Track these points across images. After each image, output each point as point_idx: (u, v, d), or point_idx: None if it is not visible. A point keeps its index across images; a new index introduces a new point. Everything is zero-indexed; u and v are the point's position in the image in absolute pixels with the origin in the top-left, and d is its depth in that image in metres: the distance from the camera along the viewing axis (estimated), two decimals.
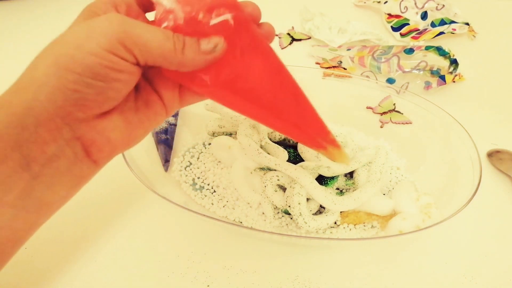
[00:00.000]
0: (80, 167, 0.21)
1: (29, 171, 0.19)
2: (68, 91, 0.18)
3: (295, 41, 0.61)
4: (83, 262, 0.32)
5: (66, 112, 0.19)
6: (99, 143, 0.21)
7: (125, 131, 0.22)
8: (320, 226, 0.32)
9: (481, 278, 0.32)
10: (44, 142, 0.19)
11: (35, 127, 0.19)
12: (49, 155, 0.19)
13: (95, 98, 0.19)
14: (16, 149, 0.18)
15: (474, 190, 0.31)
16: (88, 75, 0.18)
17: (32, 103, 0.18)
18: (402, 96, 0.42)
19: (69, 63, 0.18)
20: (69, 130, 0.20)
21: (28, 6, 0.67)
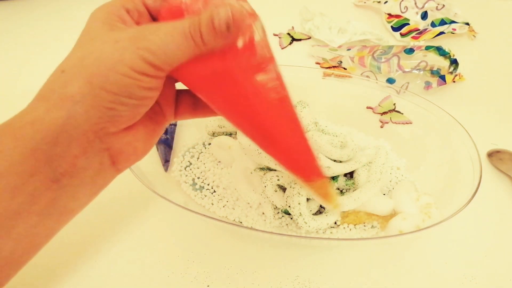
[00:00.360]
0: (104, 176, 0.22)
1: (57, 183, 0.20)
2: (103, 109, 0.19)
3: (295, 41, 0.61)
4: (82, 262, 0.32)
5: (99, 127, 0.20)
6: (127, 154, 0.22)
7: (146, 140, 0.23)
8: (320, 226, 0.32)
9: (481, 278, 0.32)
10: (75, 156, 0.20)
11: (68, 143, 0.19)
12: (78, 167, 0.20)
13: (127, 114, 0.20)
14: (48, 164, 0.19)
15: (474, 190, 0.31)
16: (124, 94, 0.19)
17: (67, 121, 0.19)
18: (402, 96, 0.42)
19: (105, 83, 0.19)
20: (99, 143, 0.20)
21: (28, 6, 0.67)
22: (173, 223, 0.35)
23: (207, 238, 0.34)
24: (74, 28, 0.68)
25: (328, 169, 0.34)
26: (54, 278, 0.31)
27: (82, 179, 0.21)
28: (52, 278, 0.31)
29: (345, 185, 0.36)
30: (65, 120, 0.19)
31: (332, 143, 0.35)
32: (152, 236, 0.34)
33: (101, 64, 0.19)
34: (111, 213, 0.35)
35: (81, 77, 0.19)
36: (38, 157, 0.19)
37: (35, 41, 0.59)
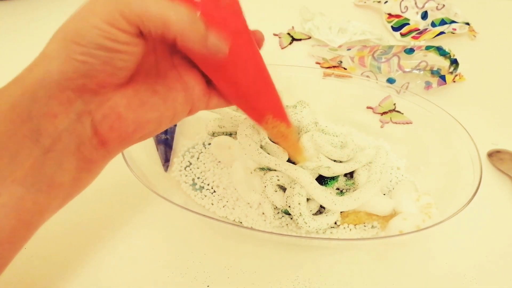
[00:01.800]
0: (89, 148, 0.21)
1: (39, 144, 0.19)
2: (76, 63, 0.19)
3: (295, 41, 0.61)
4: (81, 262, 0.32)
5: (77, 84, 0.19)
6: (110, 119, 0.21)
7: (138, 111, 0.22)
8: (320, 226, 0.32)
9: (482, 278, 0.32)
10: (55, 115, 0.19)
11: (47, 99, 0.19)
12: (59, 129, 0.20)
13: (103, 68, 0.20)
14: (27, 121, 0.19)
15: (474, 190, 0.31)
16: (92, 46, 0.19)
17: (44, 75, 0.19)
18: (402, 96, 0.42)
19: (75, 36, 0.19)
20: (81, 103, 0.20)
21: (28, 6, 0.67)
22: (173, 223, 0.35)
23: (207, 238, 0.34)
24: None
25: (328, 169, 0.34)
26: (54, 278, 0.31)
27: (66, 145, 0.20)
28: (52, 278, 0.31)
29: (345, 185, 0.36)
30: (42, 75, 0.19)
31: (332, 143, 0.35)
32: (152, 236, 0.34)
33: (75, 18, 0.19)
34: (111, 213, 0.35)
35: (58, 35, 0.19)
36: (18, 113, 0.19)
37: (35, 41, 0.59)
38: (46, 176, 0.20)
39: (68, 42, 0.19)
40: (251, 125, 0.35)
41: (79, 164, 0.21)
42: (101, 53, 0.19)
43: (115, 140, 0.22)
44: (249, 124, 0.35)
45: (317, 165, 0.33)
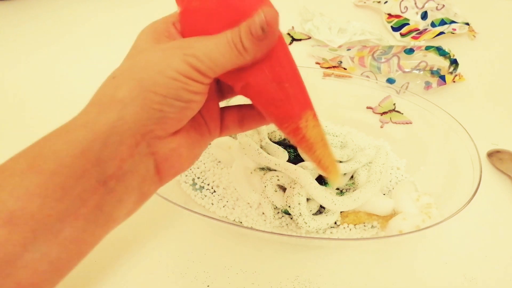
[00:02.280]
0: (149, 184, 0.22)
1: (105, 186, 0.20)
2: (152, 111, 0.20)
3: (295, 41, 0.61)
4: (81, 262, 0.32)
5: (147, 130, 0.20)
6: (172, 159, 0.22)
7: (190, 148, 0.24)
8: (320, 226, 0.32)
9: (481, 278, 0.32)
10: (122, 159, 0.20)
11: (118, 145, 0.20)
12: (124, 170, 0.20)
13: (174, 116, 0.21)
14: (97, 165, 0.19)
15: (474, 190, 0.31)
16: (172, 96, 0.20)
17: (117, 122, 0.19)
18: (402, 96, 0.42)
19: (154, 86, 0.20)
20: (146, 146, 0.21)
21: (28, 6, 0.67)
22: (173, 223, 0.35)
23: (207, 238, 0.34)
24: (74, 28, 0.69)
25: None
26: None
27: (129, 184, 0.21)
28: None
29: (345, 185, 0.36)
30: (115, 122, 0.19)
31: (332, 143, 0.36)
32: (152, 236, 0.34)
33: (149, 69, 0.20)
34: None
35: (131, 81, 0.20)
36: (88, 158, 0.19)
37: (35, 41, 0.59)
38: (107, 212, 0.21)
39: (145, 91, 0.20)
40: None
41: (135, 199, 0.22)
42: (177, 103, 0.20)
43: (171, 175, 0.23)
44: None
45: None
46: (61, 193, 0.19)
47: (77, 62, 0.54)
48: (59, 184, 0.19)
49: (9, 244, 0.18)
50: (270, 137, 0.36)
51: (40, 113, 0.46)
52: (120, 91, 0.20)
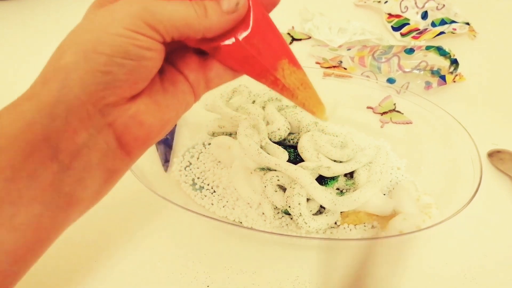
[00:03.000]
0: (113, 159, 0.20)
1: (58, 163, 0.18)
2: (99, 74, 0.18)
3: (295, 41, 0.61)
4: (79, 262, 0.32)
5: (98, 97, 0.18)
6: (133, 129, 0.20)
7: (157, 114, 0.21)
8: (320, 227, 0.32)
9: (482, 278, 0.32)
10: (74, 131, 0.18)
11: (66, 116, 0.18)
12: (79, 145, 0.19)
13: (127, 78, 0.19)
14: (45, 140, 0.18)
15: (474, 190, 0.31)
16: (119, 54, 0.18)
17: (62, 91, 0.18)
18: (403, 96, 0.42)
19: (98, 46, 0.18)
20: (101, 117, 0.19)
21: (28, 6, 0.67)
22: (173, 223, 0.35)
23: (207, 238, 0.34)
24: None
25: (328, 169, 0.34)
26: (53, 278, 0.31)
27: (87, 160, 0.19)
28: (51, 277, 0.31)
29: (345, 185, 0.36)
30: (59, 91, 0.18)
31: (332, 143, 0.35)
32: (152, 236, 0.34)
33: (93, 30, 0.18)
34: (110, 214, 0.35)
35: (74, 46, 0.18)
36: (34, 132, 0.18)
37: (35, 41, 0.59)
38: (66, 193, 0.19)
39: (89, 52, 0.18)
40: (251, 125, 0.35)
41: (100, 177, 0.20)
42: (127, 62, 0.18)
43: (139, 146, 0.21)
44: (249, 124, 0.35)
45: (317, 165, 0.33)
46: (10, 171, 0.17)
47: None
48: (7, 161, 0.17)
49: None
50: (270, 137, 0.36)
51: None
52: (63, 59, 0.18)
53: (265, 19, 0.22)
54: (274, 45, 0.23)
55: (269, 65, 0.22)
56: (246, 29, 0.21)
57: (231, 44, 0.21)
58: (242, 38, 0.21)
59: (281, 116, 0.37)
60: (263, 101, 0.39)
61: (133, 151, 0.21)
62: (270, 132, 0.36)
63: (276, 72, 0.23)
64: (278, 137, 0.36)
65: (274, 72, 0.23)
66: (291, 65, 0.23)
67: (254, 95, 0.40)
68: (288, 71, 0.23)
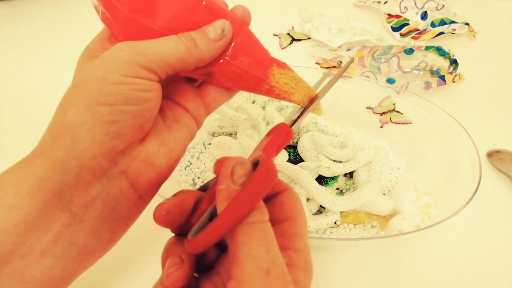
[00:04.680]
0: (127, 206, 0.20)
1: (71, 216, 0.18)
2: (105, 124, 0.18)
3: (295, 41, 0.61)
4: None
5: (108, 147, 0.19)
6: (145, 172, 0.20)
7: (166, 153, 0.21)
8: (320, 226, 0.32)
9: (481, 278, 0.32)
10: (87, 184, 0.18)
11: (78, 170, 0.18)
12: (92, 197, 0.19)
13: (132, 123, 0.19)
14: (59, 194, 0.18)
15: (474, 190, 0.31)
16: (121, 102, 0.18)
17: (72, 146, 0.18)
18: (402, 96, 0.42)
19: (100, 97, 0.18)
20: (114, 167, 0.19)
21: (28, 6, 0.67)
22: None
23: None
24: (74, 27, 0.69)
25: (328, 169, 0.34)
26: None
27: (100, 211, 0.19)
28: None
29: (345, 185, 0.36)
30: (70, 146, 0.18)
31: (332, 143, 0.36)
32: (152, 236, 0.34)
33: (91, 82, 0.19)
34: None
35: (76, 102, 0.19)
36: (48, 187, 0.18)
37: (35, 41, 0.59)
38: (78, 244, 0.19)
39: (92, 105, 0.18)
40: (251, 125, 0.35)
41: (113, 226, 0.20)
42: (130, 108, 0.19)
43: (152, 188, 0.21)
44: (249, 124, 0.35)
45: (317, 165, 0.33)
46: (24, 227, 0.17)
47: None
48: (21, 217, 0.17)
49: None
50: None
51: (41, 113, 0.46)
52: (68, 115, 0.18)
53: (247, 34, 0.23)
54: (260, 55, 0.23)
55: (261, 75, 0.23)
56: (234, 49, 0.22)
57: (223, 67, 0.22)
58: (232, 58, 0.22)
59: (281, 116, 0.37)
60: (263, 101, 0.39)
61: (146, 194, 0.21)
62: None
63: (269, 80, 0.24)
64: None
65: (267, 80, 0.24)
66: (279, 68, 0.24)
67: (254, 95, 0.40)
68: (278, 75, 0.24)
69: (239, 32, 0.22)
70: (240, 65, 0.22)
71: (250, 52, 0.23)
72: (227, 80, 0.23)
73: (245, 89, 0.24)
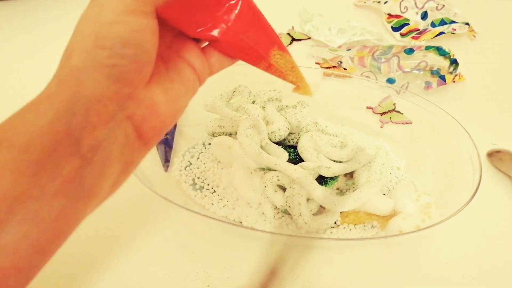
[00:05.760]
0: (131, 150, 0.21)
1: (80, 158, 0.19)
2: (106, 69, 0.19)
3: (295, 41, 0.61)
4: (80, 262, 0.32)
5: (112, 91, 0.19)
6: (150, 119, 0.21)
7: (169, 103, 0.22)
8: (320, 226, 0.32)
9: (481, 278, 0.32)
10: (94, 127, 0.19)
11: (85, 113, 0.19)
12: (100, 140, 0.19)
13: (132, 67, 0.19)
14: (68, 136, 0.18)
15: (474, 190, 0.31)
16: (118, 45, 0.19)
17: (78, 89, 0.19)
18: (402, 96, 0.42)
19: (97, 40, 0.19)
20: (120, 111, 0.20)
21: (28, 6, 0.67)
22: (173, 223, 0.35)
23: (207, 238, 0.34)
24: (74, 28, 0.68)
25: (328, 169, 0.34)
26: (53, 278, 0.31)
27: (108, 154, 0.20)
28: (51, 279, 0.31)
29: (345, 185, 0.36)
30: (76, 89, 0.19)
31: (332, 143, 0.36)
32: (152, 236, 0.34)
33: (88, 24, 0.19)
34: (110, 214, 0.35)
35: (76, 47, 0.19)
36: (58, 129, 0.18)
37: (35, 41, 0.59)
38: (87, 186, 0.20)
39: (91, 50, 0.19)
40: (251, 125, 0.35)
41: (118, 169, 0.21)
42: (128, 51, 0.19)
43: (155, 135, 0.22)
44: (249, 124, 0.35)
45: (317, 165, 0.33)
46: (35, 168, 0.18)
47: None
48: (32, 158, 0.18)
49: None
50: (270, 137, 0.36)
51: None
52: (72, 58, 0.19)
53: (256, 13, 0.24)
54: (266, 34, 0.25)
55: (263, 53, 0.25)
56: (243, 23, 0.23)
57: (230, 37, 0.23)
58: (240, 32, 0.24)
59: (281, 116, 0.37)
60: (263, 101, 0.39)
61: (149, 140, 0.22)
62: (270, 132, 0.36)
63: (269, 59, 0.26)
64: (278, 137, 0.36)
65: (267, 58, 0.26)
66: (280, 49, 0.26)
67: (254, 95, 0.40)
68: (278, 56, 0.26)
69: (249, 8, 0.24)
70: (246, 39, 0.24)
71: (257, 29, 0.24)
72: (231, 50, 0.25)
73: (245, 61, 0.26)
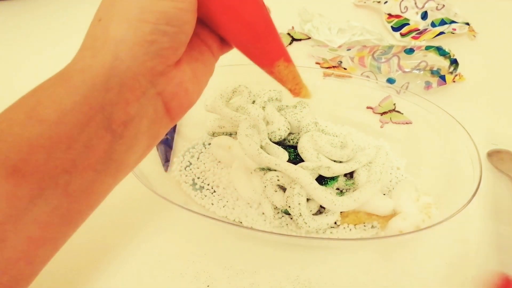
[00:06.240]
0: (159, 126, 0.21)
1: (111, 133, 0.19)
2: (146, 44, 0.18)
3: (295, 41, 0.61)
4: (80, 262, 0.32)
5: (148, 67, 0.19)
6: (179, 96, 0.21)
7: (194, 81, 0.22)
8: (320, 226, 0.32)
9: (481, 278, 0.32)
10: (127, 102, 0.19)
11: (119, 88, 0.19)
12: (131, 115, 0.19)
13: (170, 45, 0.19)
14: (101, 111, 0.18)
15: (474, 190, 0.31)
16: (163, 21, 0.19)
17: (114, 63, 0.18)
18: (402, 96, 0.42)
19: (141, 14, 0.18)
20: (151, 87, 0.20)
21: (28, 6, 0.67)
22: (173, 223, 0.35)
23: (207, 238, 0.34)
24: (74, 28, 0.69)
25: (328, 169, 0.34)
26: (53, 278, 0.31)
27: (137, 129, 0.20)
28: (51, 278, 0.31)
29: (345, 185, 0.36)
30: (112, 63, 0.18)
31: (332, 143, 0.35)
32: (152, 236, 0.34)
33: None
34: (110, 214, 0.35)
35: (117, 17, 0.19)
36: (91, 104, 0.18)
37: (35, 41, 0.59)
38: (116, 160, 0.20)
39: (134, 22, 0.18)
40: (251, 125, 0.35)
41: (146, 143, 0.21)
42: (170, 29, 0.19)
43: (182, 112, 0.23)
44: (249, 124, 0.35)
45: (317, 165, 0.33)
46: (67, 143, 0.18)
47: None
48: (64, 133, 0.18)
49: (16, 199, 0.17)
50: (270, 137, 0.36)
51: None
52: (110, 30, 0.18)
53: (269, 20, 0.25)
54: (274, 46, 0.26)
55: (268, 63, 0.26)
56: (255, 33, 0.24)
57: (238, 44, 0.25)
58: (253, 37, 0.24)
59: (281, 116, 0.37)
60: (263, 101, 0.39)
61: (175, 116, 0.22)
62: (270, 132, 0.36)
63: (273, 68, 0.27)
64: (278, 137, 0.36)
65: (271, 68, 0.26)
66: (286, 61, 0.27)
67: (254, 95, 0.40)
68: (282, 67, 0.27)
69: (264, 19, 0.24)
70: (255, 45, 0.25)
71: (267, 40, 0.25)
72: (240, 49, 0.25)
73: (251, 60, 0.26)
